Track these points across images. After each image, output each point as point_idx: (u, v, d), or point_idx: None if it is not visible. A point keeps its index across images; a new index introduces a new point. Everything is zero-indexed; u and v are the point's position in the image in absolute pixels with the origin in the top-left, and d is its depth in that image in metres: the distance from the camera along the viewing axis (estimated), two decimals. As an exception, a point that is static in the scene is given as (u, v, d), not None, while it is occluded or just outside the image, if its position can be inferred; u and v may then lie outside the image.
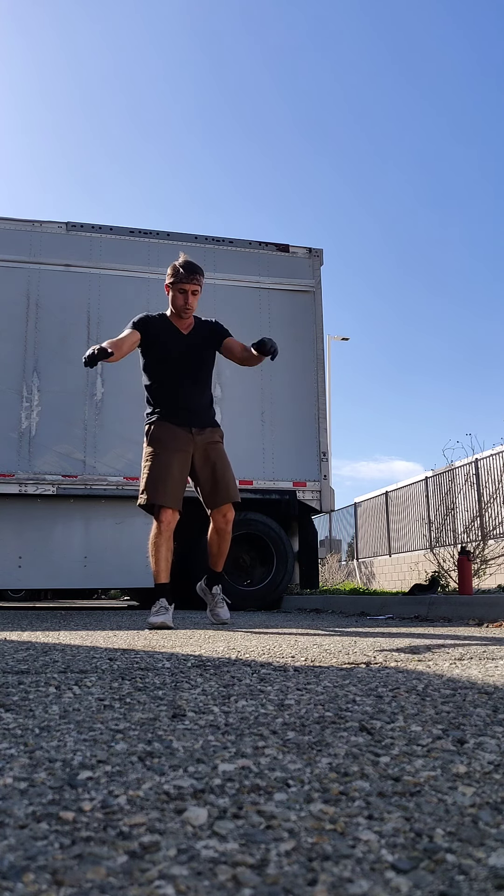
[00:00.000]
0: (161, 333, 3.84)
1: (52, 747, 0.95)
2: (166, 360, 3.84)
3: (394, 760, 0.89)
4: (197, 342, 3.88)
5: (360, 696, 1.35)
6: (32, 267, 6.65)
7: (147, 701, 1.29)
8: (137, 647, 2.36)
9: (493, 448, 11.17)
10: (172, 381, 3.85)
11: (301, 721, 1.12)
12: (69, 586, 6.64)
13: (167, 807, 0.71)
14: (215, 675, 1.61)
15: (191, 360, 3.85)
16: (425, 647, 2.29)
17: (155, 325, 3.85)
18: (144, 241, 6.99)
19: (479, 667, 1.78)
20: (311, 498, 6.93)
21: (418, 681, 1.53)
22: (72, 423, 6.50)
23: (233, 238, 7.29)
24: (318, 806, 0.72)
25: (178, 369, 3.84)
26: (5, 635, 2.88)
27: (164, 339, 3.84)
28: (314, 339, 7.26)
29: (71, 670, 1.70)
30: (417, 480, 14.34)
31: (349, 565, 17.45)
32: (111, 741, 0.98)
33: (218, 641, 2.59)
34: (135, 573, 6.51)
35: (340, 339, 19.10)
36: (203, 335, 3.91)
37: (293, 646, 2.35)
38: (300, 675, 1.63)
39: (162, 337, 3.84)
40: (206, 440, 3.85)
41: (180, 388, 3.84)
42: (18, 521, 6.37)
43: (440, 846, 0.62)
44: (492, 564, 8.27)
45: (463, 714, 1.17)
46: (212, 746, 0.96)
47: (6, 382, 6.42)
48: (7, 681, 1.52)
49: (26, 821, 0.67)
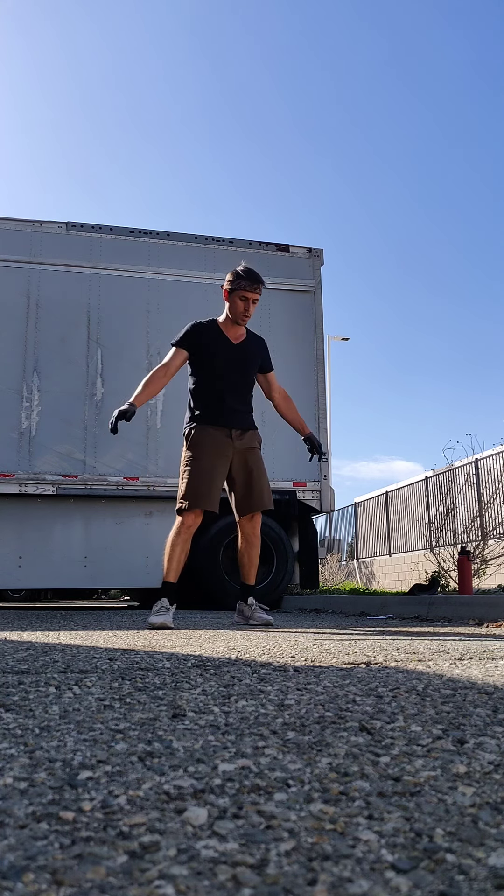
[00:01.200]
0: (211, 341, 3.94)
1: (52, 747, 0.95)
2: (213, 367, 3.92)
3: (394, 760, 0.89)
4: (245, 353, 3.99)
5: (361, 696, 1.35)
6: (32, 267, 6.65)
7: (147, 701, 1.29)
8: (137, 647, 2.36)
9: (493, 448, 11.18)
10: (217, 386, 3.91)
11: (301, 721, 1.12)
12: (69, 586, 6.64)
13: (167, 807, 0.71)
14: (215, 675, 1.61)
15: (237, 368, 3.95)
16: (425, 647, 2.29)
17: (203, 334, 3.94)
18: (144, 241, 6.99)
19: (479, 667, 1.78)
20: (311, 498, 6.93)
21: (418, 681, 1.53)
22: (72, 423, 6.50)
23: (233, 238, 7.29)
24: (318, 806, 0.72)
25: (223, 376, 3.92)
26: (5, 635, 2.88)
27: (213, 346, 3.93)
28: (314, 339, 7.26)
29: (71, 670, 1.70)
30: (417, 480, 14.34)
31: (349, 565, 17.45)
32: (111, 741, 0.98)
33: (218, 641, 2.59)
34: (135, 573, 6.51)
35: (340, 339, 19.12)
36: (252, 349, 4.03)
37: (293, 646, 2.35)
38: (300, 675, 1.63)
39: (211, 345, 3.93)
40: (245, 445, 3.92)
41: (224, 392, 3.91)
42: (18, 521, 6.37)
43: (440, 846, 0.62)
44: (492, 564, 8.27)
45: (463, 714, 1.17)
46: (212, 746, 0.96)
47: (6, 382, 6.42)
48: (7, 681, 1.52)
49: (26, 821, 0.67)
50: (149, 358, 6.69)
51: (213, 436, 3.84)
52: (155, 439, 6.65)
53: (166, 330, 6.72)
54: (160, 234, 7.05)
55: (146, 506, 6.58)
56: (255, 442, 3.98)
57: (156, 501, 6.55)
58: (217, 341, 3.93)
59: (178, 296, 6.93)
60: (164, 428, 6.59)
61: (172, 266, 7.01)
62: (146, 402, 3.93)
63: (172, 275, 6.98)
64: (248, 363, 4.00)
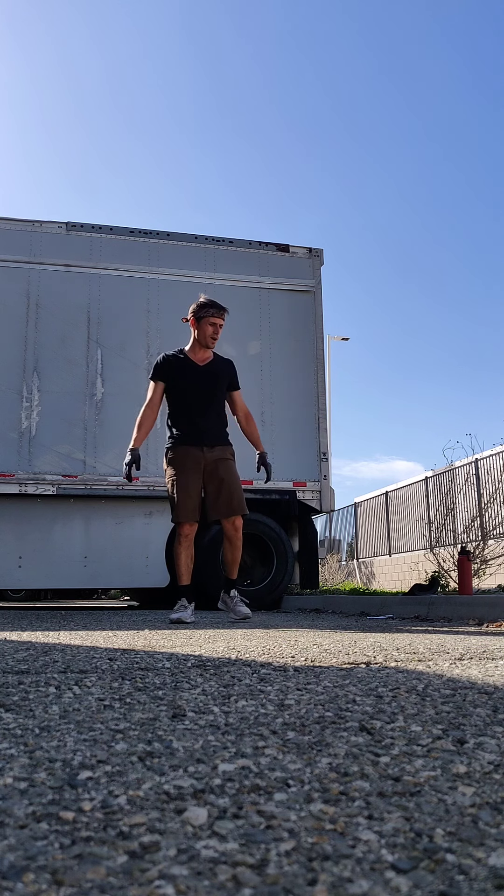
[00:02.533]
0: (178, 371, 4.39)
1: (52, 747, 0.95)
2: (183, 391, 4.38)
3: (394, 760, 0.89)
4: (211, 374, 4.41)
5: (360, 696, 1.35)
6: (32, 267, 6.65)
7: (147, 701, 1.29)
8: (137, 647, 2.36)
9: (493, 448, 11.18)
10: (187, 407, 4.37)
11: (301, 721, 1.12)
12: (69, 586, 6.63)
13: (167, 807, 0.71)
14: (215, 675, 1.61)
15: (204, 388, 4.38)
16: (425, 647, 2.29)
17: (172, 366, 4.41)
18: (144, 241, 6.99)
19: (479, 667, 1.78)
20: (311, 498, 6.93)
21: (418, 681, 1.53)
22: (72, 423, 6.50)
23: (233, 238, 7.29)
24: (318, 806, 0.72)
25: (192, 397, 4.37)
26: (5, 635, 2.88)
27: (181, 374, 4.38)
28: (314, 339, 7.25)
29: (71, 670, 1.70)
30: (417, 480, 14.34)
31: (349, 565, 17.45)
32: (111, 741, 0.98)
33: (218, 641, 2.59)
34: (135, 573, 6.51)
35: (340, 339, 19.11)
36: (218, 369, 4.45)
37: (293, 646, 2.35)
38: (300, 675, 1.63)
39: (179, 373, 4.38)
40: (215, 456, 4.34)
41: (194, 413, 4.35)
42: (18, 521, 6.37)
43: (440, 846, 0.62)
44: (492, 564, 8.27)
45: (463, 714, 1.17)
46: (212, 746, 0.96)
47: (6, 382, 6.42)
48: (7, 681, 1.52)
49: (26, 821, 0.67)
50: (148, 358, 6.69)
51: (187, 453, 4.33)
52: (155, 439, 6.63)
53: (166, 330, 6.74)
54: (160, 234, 7.05)
55: (146, 506, 6.58)
56: (226, 454, 4.39)
57: (156, 501, 6.55)
58: (185, 368, 4.39)
59: (178, 296, 6.92)
60: (164, 428, 6.59)
61: (172, 266, 7.01)
62: (144, 440, 4.43)
63: (172, 275, 6.98)
64: (216, 382, 4.42)
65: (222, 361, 4.53)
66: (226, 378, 4.47)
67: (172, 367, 4.40)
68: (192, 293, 7.01)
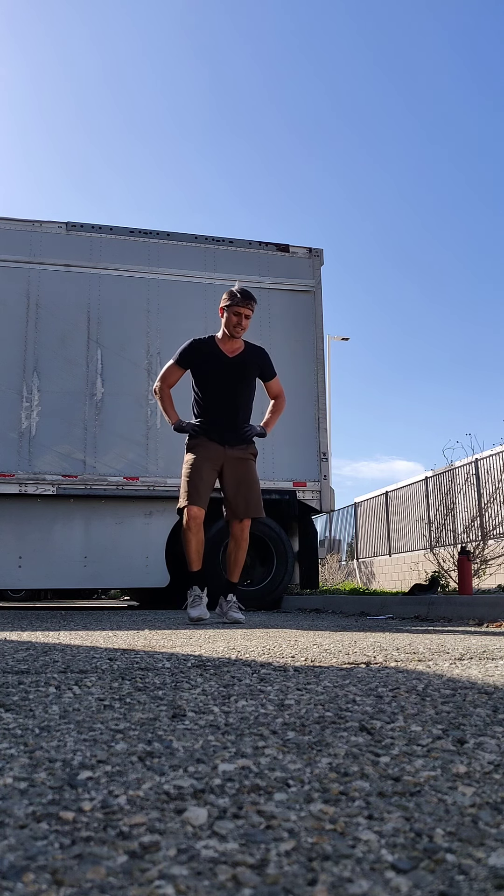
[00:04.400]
0: (206, 358, 4.31)
1: (52, 747, 0.95)
2: (208, 381, 4.32)
3: (394, 760, 0.89)
4: (240, 366, 4.32)
5: (360, 696, 1.35)
6: (32, 267, 6.65)
7: (147, 701, 1.29)
8: (137, 647, 2.36)
9: (493, 448, 11.17)
10: (212, 399, 4.30)
11: (301, 721, 1.12)
12: (69, 586, 6.63)
13: (167, 807, 0.71)
14: (215, 675, 1.61)
15: (231, 381, 4.30)
16: (425, 647, 2.29)
17: (199, 351, 4.33)
18: (144, 241, 6.99)
19: (479, 667, 1.78)
20: (311, 498, 6.93)
21: (418, 681, 1.53)
22: (72, 423, 6.50)
23: (233, 238, 7.29)
24: (318, 806, 0.72)
25: (215, 389, 4.30)
26: (5, 635, 2.88)
27: (209, 363, 4.30)
28: (314, 339, 7.26)
29: (71, 670, 1.70)
30: (417, 480, 14.34)
31: (349, 565, 17.45)
32: (111, 741, 0.98)
33: (218, 641, 2.59)
34: (135, 573, 6.51)
35: (340, 339, 19.12)
36: (248, 360, 4.37)
37: (293, 646, 2.35)
38: (300, 675, 1.63)
39: (206, 362, 4.31)
40: (236, 455, 4.29)
41: (219, 406, 4.29)
42: (18, 521, 6.37)
43: (440, 846, 0.62)
44: (492, 564, 8.26)
45: (463, 714, 1.17)
46: (212, 746, 0.96)
47: (6, 382, 6.42)
48: (7, 681, 1.52)
49: (26, 821, 0.67)
50: (148, 358, 6.70)
51: (208, 443, 4.27)
52: (155, 439, 6.65)
53: (166, 330, 6.74)
54: (160, 234, 7.05)
55: (146, 506, 6.58)
56: (247, 453, 4.32)
57: (156, 501, 6.55)
58: (212, 357, 4.30)
59: (178, 296, 6.93)
60: (164, 427, 6.59)
61: (172, 266, 7.01)
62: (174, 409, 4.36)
63: (172, 275, 6.98)
64: (243, 375, 4.32)
65: (253, 351, 4.42)
66: (255, 368, 4.38)
67: (200, 353, 4.32)
68: (191, 293, 7.04)
